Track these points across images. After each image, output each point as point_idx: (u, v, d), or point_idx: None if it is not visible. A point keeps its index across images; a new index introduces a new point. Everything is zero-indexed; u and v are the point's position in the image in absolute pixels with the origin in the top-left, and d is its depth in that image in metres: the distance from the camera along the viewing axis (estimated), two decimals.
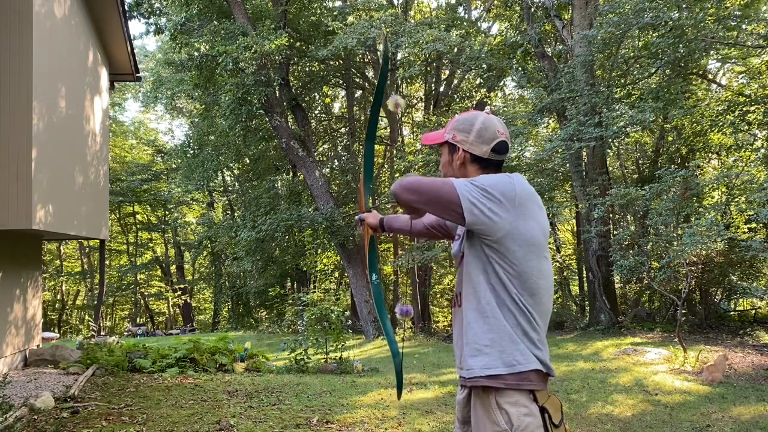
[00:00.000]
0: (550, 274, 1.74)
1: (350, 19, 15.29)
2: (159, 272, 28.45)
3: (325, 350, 8.28)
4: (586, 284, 15.63)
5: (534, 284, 1.68)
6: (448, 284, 21.25)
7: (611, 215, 12.87)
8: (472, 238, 1.70)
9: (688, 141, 13.63)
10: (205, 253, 26.95)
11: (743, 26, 10.77)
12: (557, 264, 16.57)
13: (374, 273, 2.30)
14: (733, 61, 12.31)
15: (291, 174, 19.15)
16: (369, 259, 2.29)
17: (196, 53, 15.24)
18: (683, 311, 9.89)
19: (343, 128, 19.89)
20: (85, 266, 26.67)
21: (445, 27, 14.62)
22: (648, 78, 12.55)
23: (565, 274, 20.32)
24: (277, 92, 15.11)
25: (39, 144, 6.20)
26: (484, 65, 14.15)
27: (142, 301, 27.75)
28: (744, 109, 10.97)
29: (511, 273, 1.66)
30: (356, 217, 2.33)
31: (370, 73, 18.15)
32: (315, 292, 9.21)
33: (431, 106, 17.63)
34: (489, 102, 18.15)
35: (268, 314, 21.41)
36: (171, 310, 28.40)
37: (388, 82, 17.09)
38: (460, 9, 17.86)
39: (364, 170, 2.32)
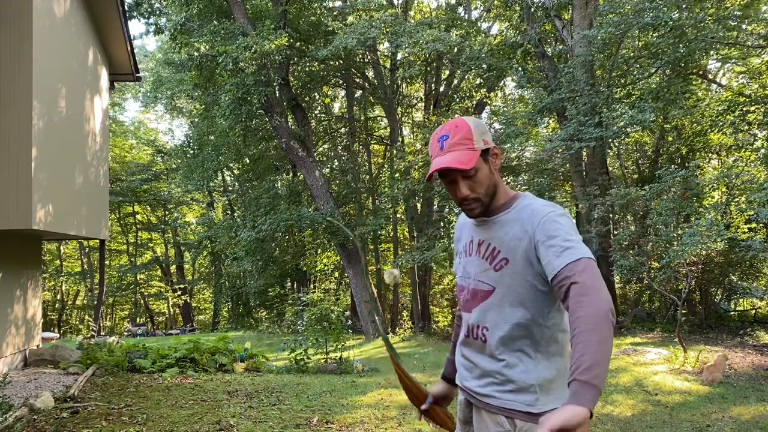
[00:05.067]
0: None
1: (350, 19, 15.28)
2: (159, 272, 28.44)
3: (325, 350, 8.28)
4: None
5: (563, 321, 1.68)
6: (448, 284, 21.23)
7: (611, 215, 12.87)
8: (541, 282, 1.57)
9: (688, 141, 13.63)
10: (205, 253, 26.93)
11: (743, 26, 10.78)
12: None
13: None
14: (733, 61, 12.30)
15: (291, 174, 19.15)
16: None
17: (196, 53, 15.23)
18: (683, 311, 9.89)
19: (343, 128, 19.87)
20: (85, 266, 26.66)
21: (445, 27, 14.61)
22: (648, 78, 12.55)
23: None
24: (277, 92, 15.10)
25: (39, 144, 6.20)
26: (484, 65, 14.14)
27: (142, 301, 27.75)
28: (744, 109, 10.96)
29: (559, 314, 1.64)
30: (428, 402, 1.96)
31: (370, 73, 18.15)
32: (315, 292, 9.22)
33: (431, 106, 17.62)
34: (489, 102, 18.15)
35: (268, 314, 21.40)
36: (171, 310, 28.40)
37: (388, 81, 17.10)
38: (460, 9, 17.85)
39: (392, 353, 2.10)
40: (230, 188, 26.26)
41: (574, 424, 1.26)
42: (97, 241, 10.39)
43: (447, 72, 17.65)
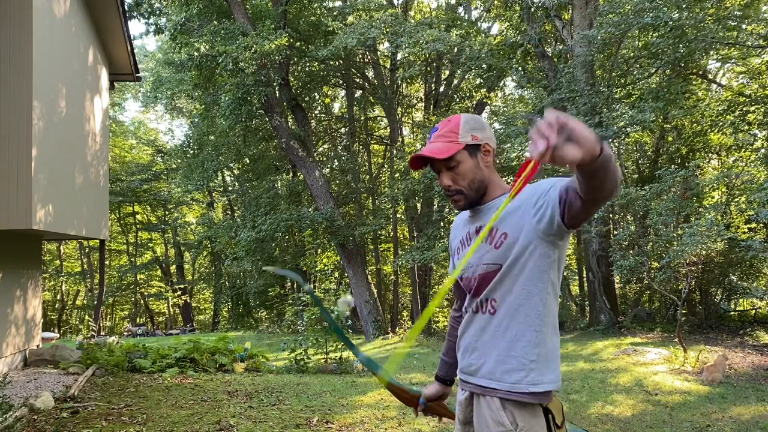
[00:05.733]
0: None
1: (350, 19, 15.28)
2: (159, 272, 28.43)
3: (325, 350, 8.28)
4: (586, 284, 15.63)
5: (557, 296, 1.67)
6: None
7: (611, 215, 12.88)
8: (542, 244, 1.56)
9: (688, 141, 13.63)
10: (205, 253, 26.94)
11: (743, 26, 10.78)
12: None
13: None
14: (733, 61, 12.31)
15: (291, 174, 19.15)
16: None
17: (196, 53, 15.23)
18: (683, 311, 9.89)
19: (343, 128, 19.88)
20: (85, 266, 26.66)
21: (445, 27, 14.60)
22: (648, 78, 12.56)
23: (565, 274, 20.32)
24: (277, 92, 15.10)
25: (39, 144, 6.20)
26: (484, 65, 14.13)
27: (142, 301, 27.75)
28: (744, 109, 10.98)
29: (557, 283, 1.64)
30: (421, 403, 1.98)
31: (371, 73, 18.16)
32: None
33: (431, 106, 17.62)
34: (489, 102, 18.14)
35: (268, 314, 21.41)
36: (171, 310, 28.39)
37: (388, 81, 17.08)
38: (460, 9, 17.85)
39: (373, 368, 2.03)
40: (230, 188, 26.26)
41: (579, 128, 1.12)
42: (97, 241, 10.39)
43: (447, 72, 17.65)
